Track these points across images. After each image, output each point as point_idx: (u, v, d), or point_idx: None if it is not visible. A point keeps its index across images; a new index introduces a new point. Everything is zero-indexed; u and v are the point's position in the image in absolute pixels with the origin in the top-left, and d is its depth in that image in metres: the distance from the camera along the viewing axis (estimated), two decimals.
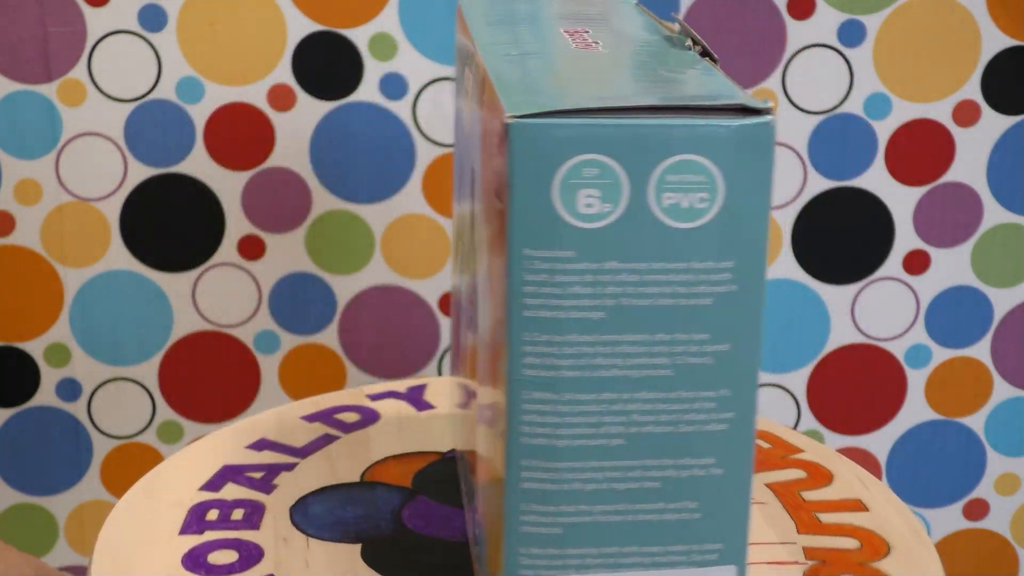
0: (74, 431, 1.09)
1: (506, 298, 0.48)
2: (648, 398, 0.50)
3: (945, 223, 1.09)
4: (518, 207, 0.47)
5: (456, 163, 0.70)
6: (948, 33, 1.05)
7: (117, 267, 1.05)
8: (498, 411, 0.51)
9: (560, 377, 0.49)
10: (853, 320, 1.11)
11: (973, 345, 1.12)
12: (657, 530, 0.53)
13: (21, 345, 1.06)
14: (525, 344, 0.49)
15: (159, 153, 1.03)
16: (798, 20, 1.03)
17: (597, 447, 0.51)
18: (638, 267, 0.48)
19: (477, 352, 0.60)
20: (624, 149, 0.47)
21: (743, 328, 0.50)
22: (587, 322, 0.49)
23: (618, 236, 0.48)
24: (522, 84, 0.51)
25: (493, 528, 0.54)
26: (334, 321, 1.08)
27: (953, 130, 1.07)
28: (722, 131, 0.47)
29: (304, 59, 1.02)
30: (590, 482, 0.51)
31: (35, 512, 1.10)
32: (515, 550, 0.52)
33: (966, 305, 1.12)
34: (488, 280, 0.55)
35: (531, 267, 0.48)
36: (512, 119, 0.45)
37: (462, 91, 0.64)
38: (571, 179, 0.47)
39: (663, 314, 0.49)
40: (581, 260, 0.48)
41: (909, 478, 1.16)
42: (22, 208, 1.03)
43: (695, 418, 0.51)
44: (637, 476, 0.52)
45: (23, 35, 1.00)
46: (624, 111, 0.46)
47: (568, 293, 0.48)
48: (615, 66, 0.55)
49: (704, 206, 0.48)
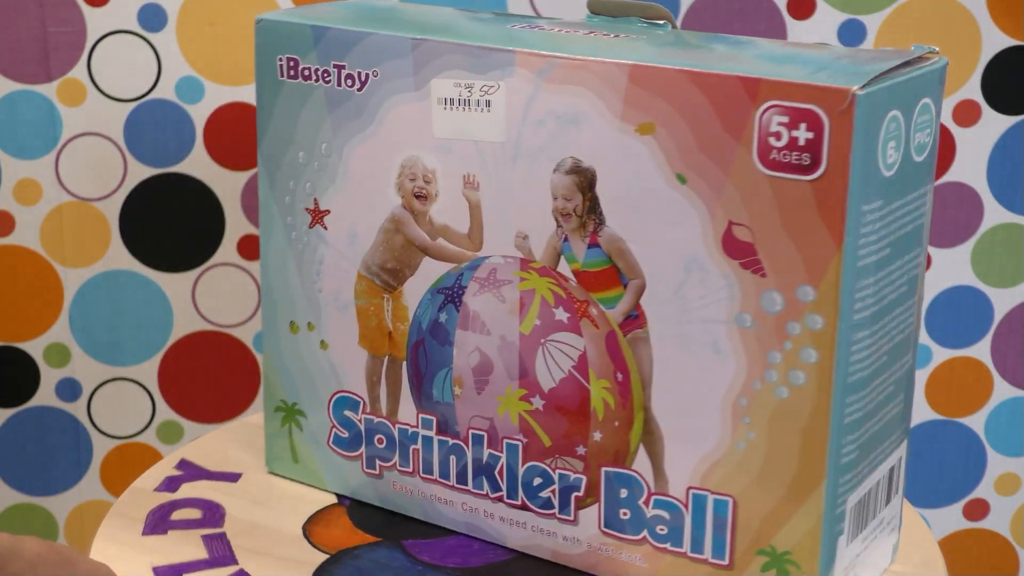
0: (74, 431, 1.08)
1: (843, 252, 0.55)
2: (896, 314, 0.60)
3: (945, 223, 1.09)
4: (857, 169, 0.54)
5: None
6: (948, 33, 1.05)
7: (117, 267, 1.05)
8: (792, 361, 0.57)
9: (872, 312, 0.57)
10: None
11: (973, 345, 1.12)
12: (892, 423, 0.62)
13: (21, 345, 1.06)
14: (857, 291, 0.56)
15: (159, 153, 1.03)
16: (798, 20, 1.03)
17: (877, 367, 0.59)
18: (906, 201, 0.58)
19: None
20: (905, 100, 0.57)
21: (927, 241, 0.62)
22: (881, 259, 0.57)
23: (898, 178, 0.57)
24: (771, 61, 0.58)
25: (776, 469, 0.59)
26: None
27: (954, 130, 1.07)
28: (936, 74, 0.59)
29: None
30: (871, 401, 0.59)
31: (35, 512, 1.10)
32: (835, 482, 0.58)
33: (966, 305, 1.11)
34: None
35: (864, 220, 0.55)
36: (860, 90, 0.53)
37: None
38: (886, 135, 0.55)
39: (910, 238, 0.59)
40: (884, 206, 0.56)
41: (909, 478, 1.15)
42: (21, 208, 1.03)
43: (909, 320, 0.62)
44: (886, 383, 0.60)
45: (23, 35, 1.00)
46: (884, 74, 0.55)
47: (877, 237, 0.56)
48: (732, 46, 0.63)
49: (928, 140, 0.59)
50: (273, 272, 0.73)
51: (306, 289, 0.72)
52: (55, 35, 1.00)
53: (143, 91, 1.01)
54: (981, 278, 1.11)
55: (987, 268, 1.10)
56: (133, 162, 1.03)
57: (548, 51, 0.60)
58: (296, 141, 0.70)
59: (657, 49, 0.61)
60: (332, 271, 0.70)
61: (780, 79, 0.54)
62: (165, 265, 1.05)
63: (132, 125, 1.02)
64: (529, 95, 0.61)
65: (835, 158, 0.53)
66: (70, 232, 1.04)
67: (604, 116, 0.59)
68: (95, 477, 1.10)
